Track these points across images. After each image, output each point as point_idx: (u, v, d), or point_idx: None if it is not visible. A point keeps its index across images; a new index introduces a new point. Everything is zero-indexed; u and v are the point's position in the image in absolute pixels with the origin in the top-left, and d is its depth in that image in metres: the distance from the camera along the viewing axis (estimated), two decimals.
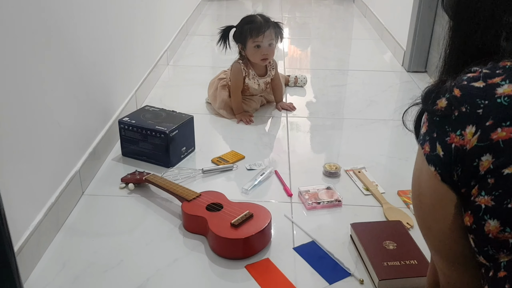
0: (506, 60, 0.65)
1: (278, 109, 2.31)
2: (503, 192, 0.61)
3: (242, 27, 2.13)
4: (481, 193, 0.63)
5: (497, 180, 0.61)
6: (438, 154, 0.66)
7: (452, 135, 0.64)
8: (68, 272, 1.29)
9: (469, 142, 0.62)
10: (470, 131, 0.62)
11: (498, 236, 0.63)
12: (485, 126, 0.61)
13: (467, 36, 0.71)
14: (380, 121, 2.20)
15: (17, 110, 1.23)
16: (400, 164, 1.85)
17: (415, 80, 2.72)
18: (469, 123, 0.63)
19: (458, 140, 0.64)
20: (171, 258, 1.34)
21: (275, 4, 4.84)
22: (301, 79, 2.59)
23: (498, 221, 0.62)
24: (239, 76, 2.18)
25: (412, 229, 1.45)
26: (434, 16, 2.70)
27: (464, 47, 0.72)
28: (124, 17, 2.08)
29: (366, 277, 1.28)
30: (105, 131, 1.82)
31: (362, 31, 3.81)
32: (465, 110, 0.63)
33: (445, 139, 0.65)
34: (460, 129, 0.63)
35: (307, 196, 1.59)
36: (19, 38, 1.23)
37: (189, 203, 1.47)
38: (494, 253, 0.65)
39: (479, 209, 0.64)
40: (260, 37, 2.09)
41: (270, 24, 2.12)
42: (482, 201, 0.63)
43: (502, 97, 0.61)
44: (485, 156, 0.62)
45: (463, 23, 0.72)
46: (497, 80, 0.63)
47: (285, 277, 1.28)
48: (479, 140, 0.62)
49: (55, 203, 1.41)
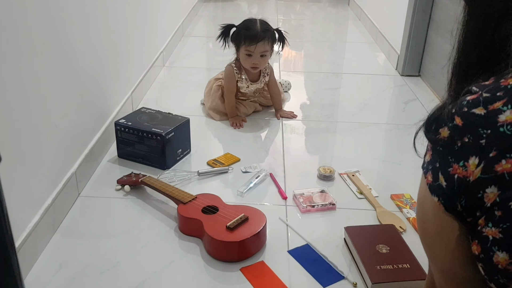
0: (509, 77, 0.63)
1: (278, 118, 2.25)
2: (511, 225, 0.60)
3: (239, 30, 2.11)
4: (488, 225, 0.62)
5: (504, 213, 0.60)
6: (441, 184, 0.65)
7: (455, 166, 0.63)
8: (64, 273, 1.30)
9: (473, 174, 0.61)
10: (473, 162, 0.61)
11: (508, 268, 0.62)
12: (489, 158, 0.60)
13: (479, 30, 0.69)
14: (374, 124, 2.22)
15: (14, 112, 1.24)
16: (393, 168, 1.87)
17: (409, 84, 2.74)
18: (472, 154, 0.61)
19: (461, 171, 0.62)
20: (166, 260, 1.36)
21: (270, 6, 4.85)
22: (285, 84, 2.57)
23: (507, 253, 0.61)
24: (231, 80, 2.18)
25: (405, 233, 1.47)
26: (428, 20, 2.73)
27: (477, 41, 0.70)
28: (119, 19, 2.08)
29: (359, 280, 1.30)
30: (101, 133, 1.83)
31: (357, 34, 3.84)
32: (467, 140, 0.62)
33: (447, 169, 0.64)
34: (463, 160, 0.62)
35: (301, 199, 1.61)
36: (16, 41, 1.23)
37: (185, 206, 1.49)
38: (505, 281, 0.63)
39: (486, 240, 0.63)
40: (252, 47, 2.06)
41: (267, 35, 2.07)
42: (489, 233, 0.62)
43: (505, 125, 0.59)
44: (490, 188, 0.60)
45: (478, 12, 0.69)
46: (499, 105, 0.61)
47: (279, 279, 1.30)
48: (483, 172, 0.60)
49: (51, 205, 1.42)
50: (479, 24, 0.69)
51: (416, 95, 2.58)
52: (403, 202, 1.63)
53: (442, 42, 2.52)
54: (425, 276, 1.24)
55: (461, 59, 0.73)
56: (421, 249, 0.80)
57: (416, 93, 2.60)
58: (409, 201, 1.63)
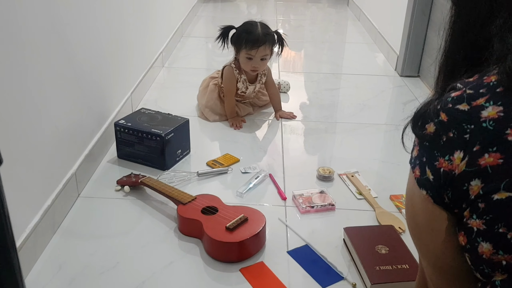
0: (491, 74, 0.65)
1: (277, 119, 2.25)
2: (493, 217, 0.62)
3: (240, 33, 2.10)
4: (473, 216, 0.64)
5: (487, 205, 0.62)
6: (428, 178, 0.67)
7: (440, 160, 0.65)
8: (64, 274, 1.30)
9: (458, 167, 0.63)
10: (458, 156, 0.63)
11: (492, 258, 0.64)
12: (473, 152, 0.62)
13: (466, 30, 0.71)
14: (373, 125, 2.23)
15: (14, 112, 1.24)
16: (392, 168, 1.87)
17: (408, 84, 2.75)
18: (457, 148, 0.64)
19: (447, 165, 0.65)
20: (166, 261, 1.36)
21: (269, 6, 4.86)
22: (284, 85, 2.57)
23: (490, 244, 0.63)
24: (232, 80, 2.17)
25: (404, 234, 1.47)
26: (428, 21, 2.73)
27: (463, 40, 0.72)
28: (119, 20, 2.09)
29: (358, 281, 1.30)
30: (101, 134, 1.83)
31: (356, 34, 3.84)
32: (452, 135, 0.64)
33: (434, 163, 0.66)
34: (449, 154, 0.64)
35: (301, 200, 1.62)
36: (16, 43, 1.24)
37: (184, 206, 1.49)
38: (489, 271, 0.65)
39: (471, 231, 0.65)
40: (253, 51, 2.06)
41: (268, 39, 2.08)
42: (474, 224, 0.64)
43: (487, 121, 0.62)
44: (474, 181, 0.62)
45: (464, 13, 0.71)
46: (481, 101, 0.63)
47: (279, 280, 1.30)
48: (467, 165, 0.63)
49: (51, 205, 1.42)
50: (465, 24, 0.71)
51: (415, 95, 2.58)
52: (402, 202, 1.63)
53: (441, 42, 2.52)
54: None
55: (448, 58, 0.76)
56: None
57: (415, 94, 2.60)
58: None
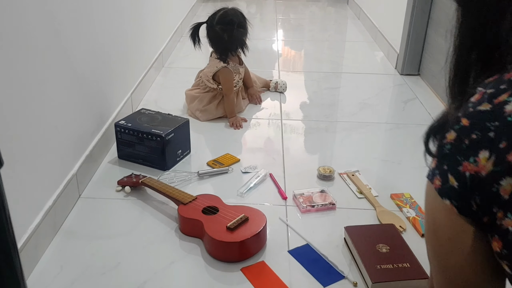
0: None
1: (248, 98, 2.40)
2: None
3: (226, 46, 2.22)
4: (507, 215, 0.59)
5: None
6: (452, 185, 0.63)
7: (464, 164, 0.61)
8: (66, 274, 1.31)
9: (484, 168, 0.59)
10: (483, 156, 0.59)
11: None
12: (499, 149, 0.58)
13: (475, 31, 0.68)
14: (374, 124, 2.23)
15: (15, 114, 1.24)
16: (393, 167, 1.87)
17: (408, 83, 2.75)
18: (481, 148, 0.59)
19: (472, 167, 0.60)
20: (167, 261, 1.36)
21: (269, 5, 4.85)
22: (281, 84, 2.58)
23: None
24: (230, 79, 2.21)
25: (405, 232, 1.48)
26: (428, 19, 2.73)
27: (472, 41, 0.69)
28: (119, 20, 2.09)
29: (359, 280, 1.30)
30: (102, 134, 1.83)
31: (356, 33, 3.84)
32: (475, 136, 0.60)
33: (457, 168, 0.62)
34: (473, 156, 0.60)
35: (301, 199, 1.62)
36: (17, 44, 1.24)
37: (185, 206, 1.49)
38: None
39: (507, 232, 0.60)
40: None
41: (241, 33, 2.20)
42: (509, 224, 0.59)
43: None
44: (504, 180, 0.58)
45: (470, 12, 0.68)
46: (504, 97, 0.59)
47: (280, 279, 1.30)
48: (494, 164, 0.58)
49: (52, 206, 1.43)
50: (474, 25, 0.68)
51: (416, 94, 2.58)
52: (403, 201, 1.63)
53: (442, 41, 2.52)
54: (425, 275, 1.25)
55: (460, 60, 0.72)
56: (421, 249, 0.79)
57: (416, 92, 2.60)
58: (409, 200, 1.63)
